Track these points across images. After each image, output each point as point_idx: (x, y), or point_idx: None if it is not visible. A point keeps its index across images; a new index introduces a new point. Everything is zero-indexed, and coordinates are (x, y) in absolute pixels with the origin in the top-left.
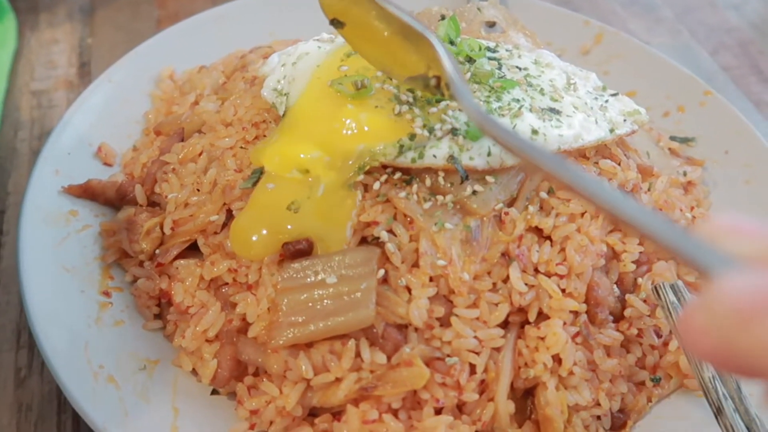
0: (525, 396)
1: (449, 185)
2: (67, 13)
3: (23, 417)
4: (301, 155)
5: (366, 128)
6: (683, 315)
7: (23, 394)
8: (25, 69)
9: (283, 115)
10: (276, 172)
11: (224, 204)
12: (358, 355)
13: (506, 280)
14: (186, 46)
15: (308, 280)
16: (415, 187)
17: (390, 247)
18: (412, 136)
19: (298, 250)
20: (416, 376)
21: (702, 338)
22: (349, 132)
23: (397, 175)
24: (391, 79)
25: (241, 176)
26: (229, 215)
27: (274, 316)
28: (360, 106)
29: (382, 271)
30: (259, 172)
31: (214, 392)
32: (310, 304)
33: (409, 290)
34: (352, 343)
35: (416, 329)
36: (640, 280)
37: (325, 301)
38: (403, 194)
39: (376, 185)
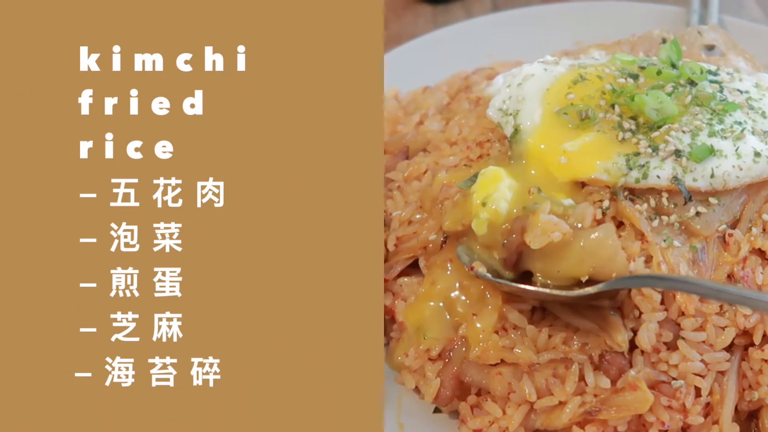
0: (749, 419)
1: (673, 206)
2: None
3: None
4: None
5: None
6: None
7: None
8: None
9: (513, 136)
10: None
11: None
12: (581, 378)
13: None
14: (409, 67)
15: None
16: (645, 206)
17: None
18: (636, 153)
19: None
20: (640, 400)
21: None
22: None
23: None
24: (613, 108)
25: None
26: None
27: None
28: (585, 133)
29: None
30: (475, 177)
31: (437, 410)
32: None
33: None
34: (575, 367)
35: (642, 352)
36: None
37: None
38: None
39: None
